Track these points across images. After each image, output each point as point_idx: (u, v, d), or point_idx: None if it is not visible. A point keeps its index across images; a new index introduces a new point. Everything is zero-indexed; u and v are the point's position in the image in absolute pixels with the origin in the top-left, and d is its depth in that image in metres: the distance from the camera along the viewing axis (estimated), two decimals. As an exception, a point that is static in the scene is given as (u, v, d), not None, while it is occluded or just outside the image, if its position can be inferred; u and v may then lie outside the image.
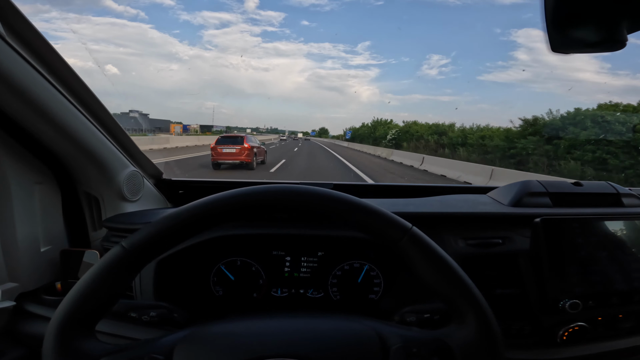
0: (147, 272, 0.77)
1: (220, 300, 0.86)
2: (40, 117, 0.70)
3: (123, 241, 0.46)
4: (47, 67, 0.67)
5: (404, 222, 0.48)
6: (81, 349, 0.43)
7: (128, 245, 0.45)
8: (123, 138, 0.91)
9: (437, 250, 0.47)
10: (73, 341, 0.43)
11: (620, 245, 0.75)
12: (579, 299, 0.70)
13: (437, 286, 0.46)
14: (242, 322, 0.51)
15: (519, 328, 0.75)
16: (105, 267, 0.45)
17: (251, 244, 0.87)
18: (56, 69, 0.69)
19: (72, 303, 0.43)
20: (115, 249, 0.45)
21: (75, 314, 0.43)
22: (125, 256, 0.45)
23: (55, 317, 0.43)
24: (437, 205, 0.91)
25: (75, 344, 0.43)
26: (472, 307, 0.45)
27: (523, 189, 0.91)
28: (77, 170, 0.88)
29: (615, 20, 0.42)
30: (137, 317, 0.67)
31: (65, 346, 0.42)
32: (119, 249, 0.45)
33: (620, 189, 0.94)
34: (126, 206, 0.94)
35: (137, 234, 0.46)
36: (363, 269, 0.87)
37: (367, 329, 0.48)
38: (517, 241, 0.81)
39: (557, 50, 0.46)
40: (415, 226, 0.48)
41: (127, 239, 0.46)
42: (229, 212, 0.47)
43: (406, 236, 0.47)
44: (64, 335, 0.42)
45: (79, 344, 0.43)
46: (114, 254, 0.45)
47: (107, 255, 0.45)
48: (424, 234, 0.48)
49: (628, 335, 0.78)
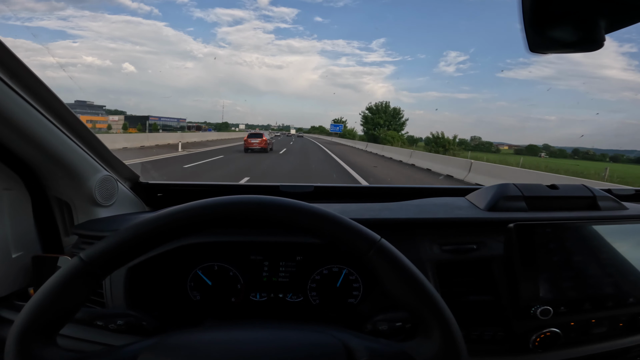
0: (117, 277, 0.76)
1: (198, 305, 0.85)
2: (3, 124, 0.68)
3: (82, 252, 0.45)
4: (8, 73, 0.65)
5: (371, 235, 0.47)
6: (41, 357, 0.42)
7: (86, 257, 0.44)
8: (94, 142, 0.88)
9: (405, 262, 0.46)
10: (33, 349, 0.42)
11: (594, 250, 0.75)
12: (550, 305, 0.70)
13: (404, 299, 0.45)
14: (209, 333, 0.50)
15: (493, 334, 0.75)
16: (62, 279, 0.44)
17: (228, 249, 0.85)
18: (18, 74, 0.67)
19: (31, 312, 0.43)
20: (74, 260, 0.44)
21: (34, 324, 0.43)
22: (83, 268, 0.44)
23: (15, 324, 0.43)
24: (413, 210, 0.90)
25: (35, 351, 0.42)
26: (438, 321, 0.44)
27: (499, 192, 0.91)
28: (46, 176, 0.86)
29: (593, 20, 0.42)
30: (104, 325, 0.66)
31: (25, 353, 0.42)
32: (77, 261, 0.44)
33: (596, 191, 0.94)
34: (99, 211, 0.92)
35: (97, 246, 0.45)
36: (342, 274, 0.86)
37: (334, 341, 0.47)
38: (491, 246, 0.80)
39: (535, 50, 0.46)
40: (389, 232, 0.47)
41: (85, 251, 0.45)
42: (194, 224, 0.46)
43: (373, 248, 0.46)
44: (23, 342, 0.42)
45: (39, 352, 0.42)
46: (71, 266, 0.44)
47: (65, 267, 0.44)
48: (392, 246, 0.47)
49: (601, 340, 0.78)
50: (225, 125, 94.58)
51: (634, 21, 0.41)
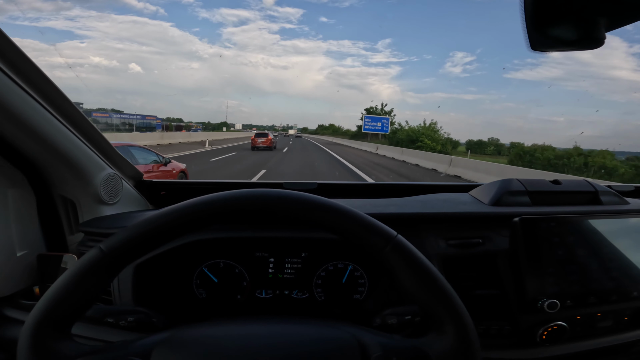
0: (125, 275, 0.76)
1: (204, 302, 0.85)
2: (9, 121, 0.67)
3: (101, 243, 0.45)
4: (14, 70, 0.65)
5: (388, 230, 0.47)
6: (56, 349, 0.42)
7: (106, 248, 0.45)
8: (99, 140, 0.88)
9: (421, 259, 0.46)
10: (47, 342, 0.42)
11: (597, 243, 0.75)
12: (557, 299, 0.70)
13: (419, 295, 0.45)
14: (223, 326, 0.50)
15: (499, 328, 0.75)
16: (82, 269, 0.44)
17: (234, 246, 0.86)
18: (25, 71, 0.66)
19: (47, 304, 0.43)
20: (93, 251, 0.45)
21: (50, 316, 0.43)
22: (103, 259, 0.44)
23: (30, 318, 0.42)
24: (419, 205, 0.91)
25: (49, 344, 0.42)
26: (453, 318, 0.44)
27: (503, 187, 0.91)
28: (51, 174, 0.86)
29: (593, 19, 0.42)
30: (114, 322, 0.66)
31: (40, 347, 0.42)
32: (97, 252, 0.45)
33: (598, 186, 0.94)
34: (104, 209, 0.92)
35: (116, 237, 0.45)
36: (347, 270, 0.86)
37: (348, 337, 0.47)
38: (496, 241, 0.81)
39: (536, 49, 0.46)
40: (394, 227, 0.47)
41: (105, 242, 0.45)
42: (208, 216, 0.46)
43: (390, 245, 0.46)
44: (38, 335, 0.42)
45: (53, 344, 0.42)
46: (91, 256, 0.44)
47: (84, 258, 0.45)
48: (408, 242, 0.47)
49: (607, 334, 0.78)
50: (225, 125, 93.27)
51: (634, 19, 0.41)
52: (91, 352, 0.44)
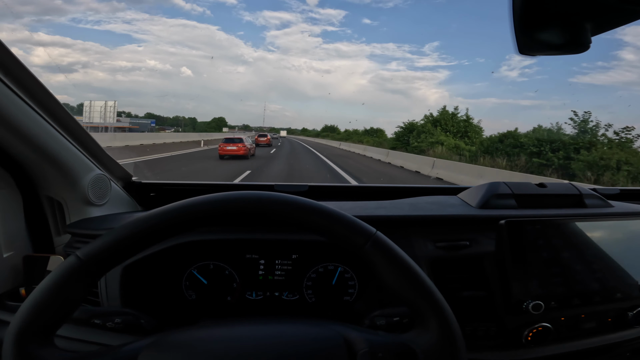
0: (113, 277, 0.75)
1: (194, 304, 0.85)
2: None
3: (79, 251, 0.44)
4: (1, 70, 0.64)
5: (367, 227, 0.47)
6: (39, 357, 0.42)
7: (83, 255, 0.44)
8: (87, 141, 0.87)
9: (401, 255, 0.47)
10: (30, 350, 0.42)
11: (581, 246, 0.76)
12: (542, 300, 0.71)
13: (401, 291, 0.46)
14: (209, 329, 0.50)
15: (486, 329, 0.76)
16: (58, 277, 0.43)
17: (224, 247, 0.85)
18: (12, 71, 0.66)
19: (27, 313, 0.42)
20: (70, 258, 0.44)
21: (32, 324, 0.42)
22: (80, 267, 0.44)
23: (11, 327, 0.42)
24: (408, 208, 0.92)
25: (33, 352, 0.42)
26: (435, 312, 0.45)
27: (490, 190, 0.93)
28: (38, 175, 0.85)
29: (579, 23, 0.43)
30: (101, 323, 0.65)
31: (23, 355, 0.41)
32: (73, 259, 0.44)
33: (583, 189, 0.96)
34: (92, 210, 0.91)
35: (94, 243, 0.45)
36: (337, 271, 0.86)
37: (334, 334, 0.47)
38: (483, 243, 0.82)
39: (524, 53, 0.47)
40: (383, 230, 0.48)
41: (83, 249, 0.45)
42: (191, 221, 0.46)
43: (369, 241, 0.46)
44: (21, 344, 0.42)
45: (36, 352, 0.42)
46: (68, 264, 0.44)
47: (61, 265, 0.44)
48: (388, 238, 0.48)
49: (591, 335, 0.79)
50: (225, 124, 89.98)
51: (619, 24, 0.42)
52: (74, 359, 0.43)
